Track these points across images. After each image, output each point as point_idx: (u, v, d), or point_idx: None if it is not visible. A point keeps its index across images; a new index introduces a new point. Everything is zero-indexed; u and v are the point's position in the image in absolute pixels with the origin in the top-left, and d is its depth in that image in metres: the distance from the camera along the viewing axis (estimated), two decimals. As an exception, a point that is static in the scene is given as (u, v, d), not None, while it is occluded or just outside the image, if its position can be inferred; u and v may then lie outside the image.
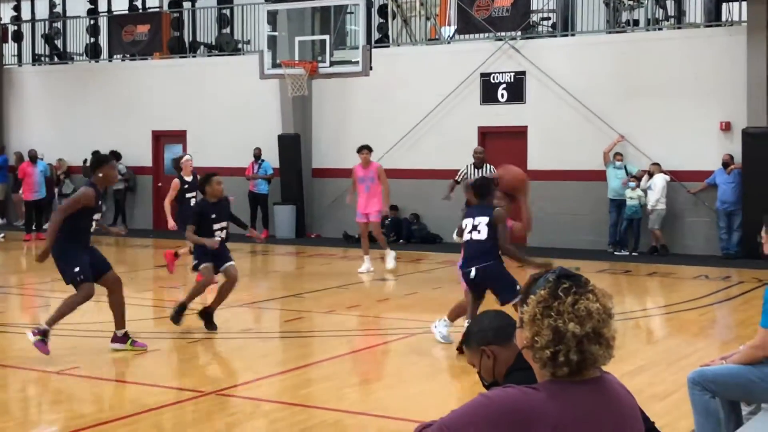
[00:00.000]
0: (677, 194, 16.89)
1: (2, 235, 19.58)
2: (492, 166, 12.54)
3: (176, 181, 13.24)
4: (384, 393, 7.05)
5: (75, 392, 7.26)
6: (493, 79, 18.53)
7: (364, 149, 14.41)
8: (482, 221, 8.39)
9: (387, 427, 6.22)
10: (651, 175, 16.70)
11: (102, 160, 8.65)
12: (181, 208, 13.04)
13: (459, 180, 14.17)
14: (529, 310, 2.43)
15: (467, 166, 14.38)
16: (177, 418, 6.51)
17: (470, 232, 8.45)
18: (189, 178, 13.17)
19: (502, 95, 18.50)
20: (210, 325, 9.57)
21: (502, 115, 18.49)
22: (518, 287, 8.11)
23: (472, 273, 8.45)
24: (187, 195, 13.12)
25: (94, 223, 8.38)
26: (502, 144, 18.73)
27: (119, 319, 8.46)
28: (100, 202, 8.44)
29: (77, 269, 8.01)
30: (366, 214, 14.36)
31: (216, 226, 9.69)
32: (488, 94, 18.60)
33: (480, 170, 13.75)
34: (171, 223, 13.16)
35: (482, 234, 8.37)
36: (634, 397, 2.54)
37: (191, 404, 6.75)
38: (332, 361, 8.40)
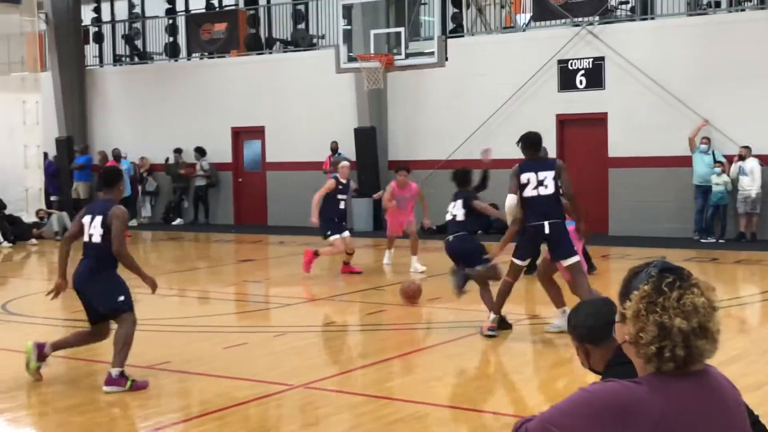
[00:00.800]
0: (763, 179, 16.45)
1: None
2: None
3: (332, 181, 13.45)
4: (470, 386, 7.01)
5: (165, 387, 7.39)
6: (571, 65, 18.28)
7: (403, 170, 14.21)
8: (548, 175, 8.63)
9: (475, 421, 6.18)
10: (742, 158, 16.27)
11: (118, 173, 7.86)
12: (327, 208, 13.28)
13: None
14: (632, 305, 2.38)
15: None
16: (266, 412, 6.58)
17: (536, 187, 8.65)
18: (344, 181, 13.41)
19: (581, 82, 18.24)
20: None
21: (581, 102, 18.23)
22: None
23: (546, 228, 8.56)
24: (339, 196, 13.42)
25: None
26: (582, 132, 18.49)
27: (117, 356, 7.17)
28: None
29: (123, 297, 7.27)
30: (400, 228, 14.14)
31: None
32: (566, 81, 18.36)
33: None
34: (314, 219, 13.26)
35: (549, 188, 8.59)
36: (738, 390, 2.47)
37: (279, 398, 6.81)
38: (416, 354, 8.40)
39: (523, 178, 8.74)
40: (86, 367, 8.09)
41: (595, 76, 18.08)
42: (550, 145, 18.56)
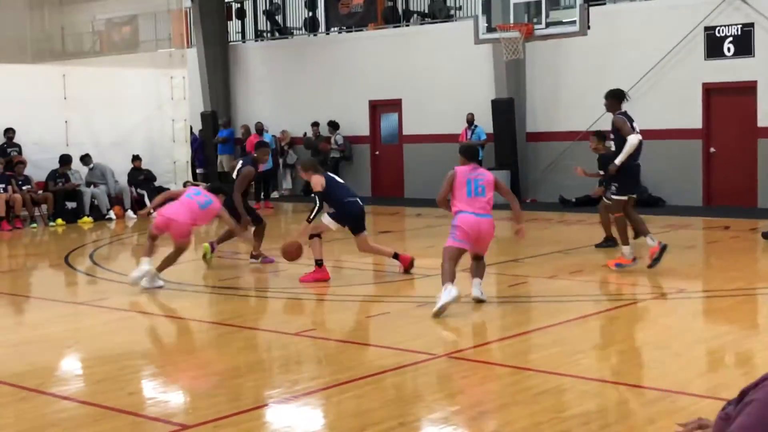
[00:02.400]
0: None
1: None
2: None
3: None
4: (616, 359, 6.91)
5: (312, 353, 7.58)
6: (719, 32, 17.60)
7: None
8: None
9: (624, 394, 6.09)
10: None
11: (263, 144, 12.54)
12: None
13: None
14: None
15: None
16: (414, 380, 6.66)
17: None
18: None
19: (729, 49, 17.56)
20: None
21: (729, 70, 17.54)
22: None
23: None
24: None
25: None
26: (729, 101, 17.81)
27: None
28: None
29: None
30: None
31: None
32: (713, 48, 17.70)
33: None
34: None
35: None
36: None
37: (423, 366, 6.88)
38: (559, 327, 8.32)
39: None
40: (234, 333, 8.37)
41: (744, 44, 17.36)
42: (696, 115, 18.01)
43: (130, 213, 19.41)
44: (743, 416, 2.30)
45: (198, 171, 23.60)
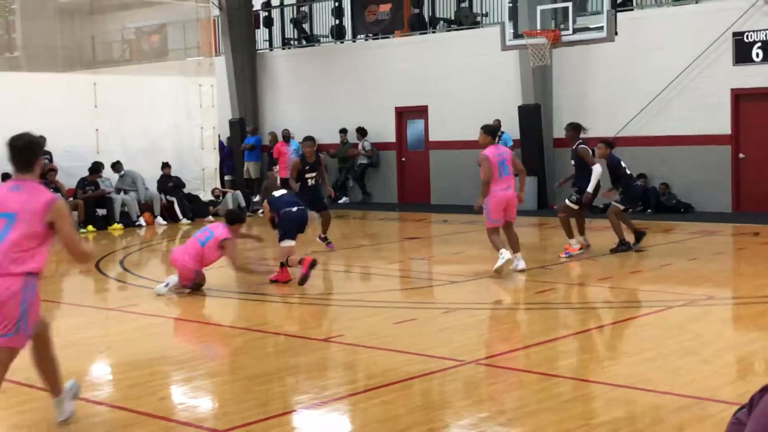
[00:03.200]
0: None
1: (261, 210, 20.76)
2: None
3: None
4: (646, 366, 6.88)
5: (340, 359, 7.62)
6: (747, 38, 17.49)
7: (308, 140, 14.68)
8: None
9: (653, 401, 6.08)
10: None
11: (308, 138, 14.55)
12: None
13: None
14: None
15: None
16: (442, 386, 6.68)
17: None
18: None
19: (758, 54, 17.44)
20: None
21: (758, 75, 17.42)
22: None
23: None
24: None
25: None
26: (758, 106, 17.68)
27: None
28: (306, 167, 14.12)
29: None
30: None
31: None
32: (742, 54, 17.58)
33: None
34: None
35: None
36: None
37: (451, 373, 6.89)
38: (588, 333, 8.31)
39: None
40: (262, 339, 8.42)
41: (774, 49, 17.24)
42: (724, 120, 17.91)
43: (159, 219, 19.57)
44: (751, 422, 2.32)
45: (226, 178, 23.74)
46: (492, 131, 12.06)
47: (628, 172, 13.40)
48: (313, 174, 14.28)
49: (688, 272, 11.50)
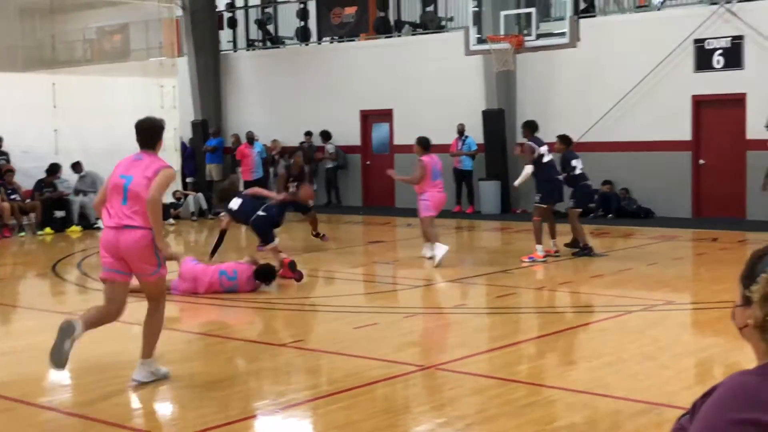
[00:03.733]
0: None
1: (223, 214, 20.63)
2: None
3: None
4: (604, 371, 6.91)
5: (300, 364, 7.56)
6: (708, 45, 17.68)
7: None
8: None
9: (611, 406, 6.10)
10: None
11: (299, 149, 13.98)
12: None
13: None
14: (759, 288, 2.34)
15: None
16: (399, 392, 6.66)
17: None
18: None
19: (718, 62, 17.63)
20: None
21: (718, 82, 17.62)
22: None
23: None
24: None
25: None
26: (719, 113, 17.88)
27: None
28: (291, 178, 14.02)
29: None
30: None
31: None
32: (703, 61, 17.77)
33: None
34: None
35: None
36: None
37: (409, 378, 6.87)
38: (547, 338, 8.33)
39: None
40: (221, 344, 8.35)
41: (734, 56, 17.43)
42: (685, 127, 18.09)
43: (119, 222, 19.33)
44: (693, 427, 2.34)
45: (188, 180, 23.56)
46: (425, 144, 13.56)
47: (578, 171, 13.50)
48: (296, 183, 15.47)
49: (648, 277, 11.58)
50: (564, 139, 13.80)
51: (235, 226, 13.70)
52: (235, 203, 12.48)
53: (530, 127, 13.66)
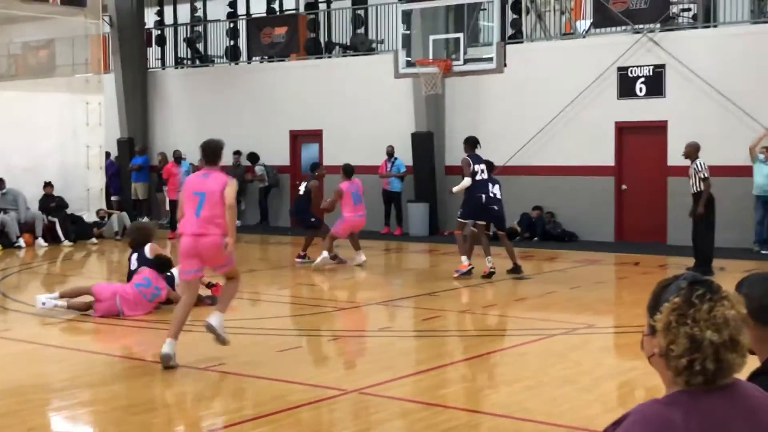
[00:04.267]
0: (829, 190, 16.10)
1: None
2: None
3: None
4: (525, 395, 6.98)
5: (220, 389, 7.48)
6: (631, 72, 18.09)
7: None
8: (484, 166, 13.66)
9: (531, 430, 6.16)
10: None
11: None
12: None
13: None
14: (662, 318, 2.40)
15: None
16: (320, 417, 6.63)
17: (481, 174, 13.51)
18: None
19: (641, 89, 18.05)
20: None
21: (641, 109, 18.04)
22: None
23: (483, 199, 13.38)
24: None
25: None
26: (641, 139, 18.29)
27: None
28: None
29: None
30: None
31: None
32: (626, 88, 18.17)
33: None
34: None
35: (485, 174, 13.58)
36: None
37: (333, 402, 6.85)
38: (471, 362, 8.38)
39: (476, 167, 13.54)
40: (142, 367, 8.21)
41: (656, 84, 17.87)
42: (609, 152, 18.46)
43: (40, 241, 18.92)
44: None
45: (113, 198, 23.20)
46: (347, 171, 15.23)
47: (477, 178, 13.56)
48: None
49: (571, 300, 11.75)
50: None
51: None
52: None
53: (470, 143, 13.94)
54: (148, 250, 11.12)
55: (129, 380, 7.73)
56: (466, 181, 13.60)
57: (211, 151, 8.39)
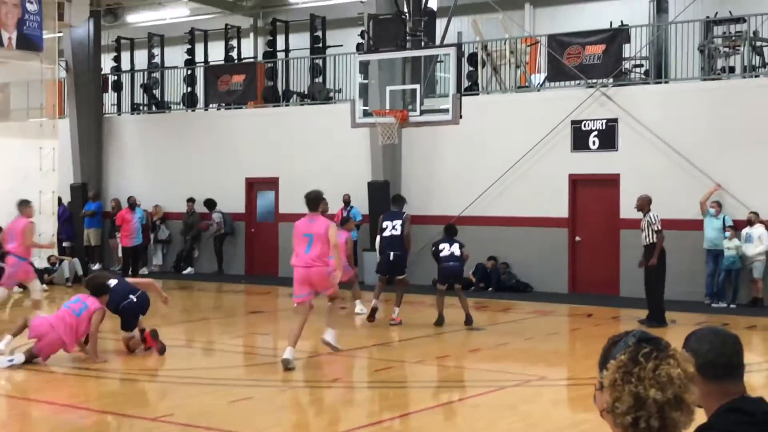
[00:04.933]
0: (777, 244, 16.39)
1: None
2: None
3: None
4: (476, 448, 6.95)
5: (169, 440, 7.35)
6: (585, 126, 18.36)
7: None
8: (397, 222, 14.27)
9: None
10: (750, 224, 16.26)
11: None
12: None
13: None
14: (609, 374, 2.42)
15: None
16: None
17: (391, 230, 14.24)
18: None
19: (594, 142, 18.31)
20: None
21: (594, 162, 18.29)
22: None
23: (391, 256, 14.15)
24: None
25: None
26: (594, 192, 18.51)
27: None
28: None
29: None
30: None
31: None
32: (579, 141, 18.42)
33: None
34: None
35: (397, 230, 14.21)
36: None
37: (283, 455, 6.76)
38: (423, 413, 8.33)
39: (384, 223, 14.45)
40: (86, 417, 8.04)
41: (608, 138, 18.15)
42: (562, 204, 18.66)
43: (-11, 286, 18.53)
44: None
45: (65, 244, 22.90)
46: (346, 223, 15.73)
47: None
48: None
49: (524, 352, 11.77)
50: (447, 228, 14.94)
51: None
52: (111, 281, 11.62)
53: (397, 202, 15.32)
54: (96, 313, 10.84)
55: (75, 431, 7.57)
56: (378, 240, 14.87)
57: (313, 200, 10.37)
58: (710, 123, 17.09)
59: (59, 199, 22.71)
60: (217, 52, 25.08)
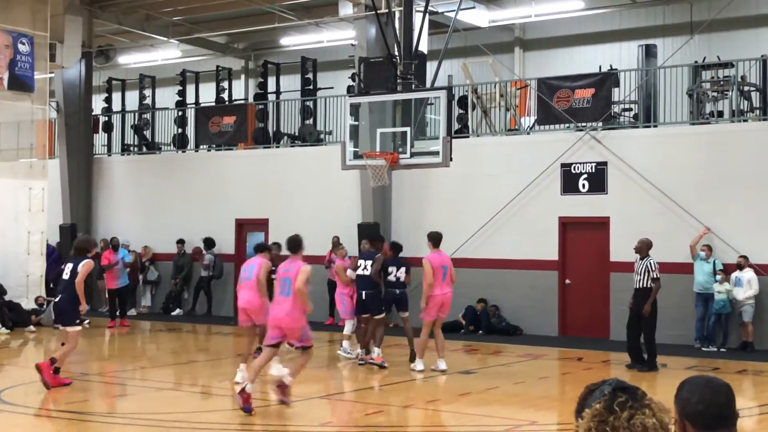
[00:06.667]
0: (767, 288, 16.40)
1: (87, 321, 19.92)
2: None
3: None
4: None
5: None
6: (574, 169, 18.44)
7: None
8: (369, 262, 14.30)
9: None
10: (740, 268, 16.28)
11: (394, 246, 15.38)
12: None
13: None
14: (584, 423, 2.41)
15: None
16: None
17: (363, 269, 14.31)
18: None
19: (584, 186, 18.37)
20: None
21: (583, 205, 18.33)
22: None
23: (363, 295, 14.20)
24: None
25: None
26: (584, 235, 18.53)
27: None
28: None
29: None
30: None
31: None
32: (569, 184, 18.48)
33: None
34: None
35: (368, 270, 14.25)
36: None
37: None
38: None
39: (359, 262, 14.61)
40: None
41: (598, 181, 18.21)
42: (552, 247, 18.67)
43: (-23, 326, 18.42)
44: None
45: (51, 286, 22.72)
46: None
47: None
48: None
49: (514, 396, 11.69)
50: (389, 245, 15.16)
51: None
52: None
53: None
54: (82, 265, 11.39)
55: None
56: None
57: (291, 244, 10.84)
58: (699, 167, 17.17)
59: (47, 240, 22.62)
60: (208, 94, 25.19)
